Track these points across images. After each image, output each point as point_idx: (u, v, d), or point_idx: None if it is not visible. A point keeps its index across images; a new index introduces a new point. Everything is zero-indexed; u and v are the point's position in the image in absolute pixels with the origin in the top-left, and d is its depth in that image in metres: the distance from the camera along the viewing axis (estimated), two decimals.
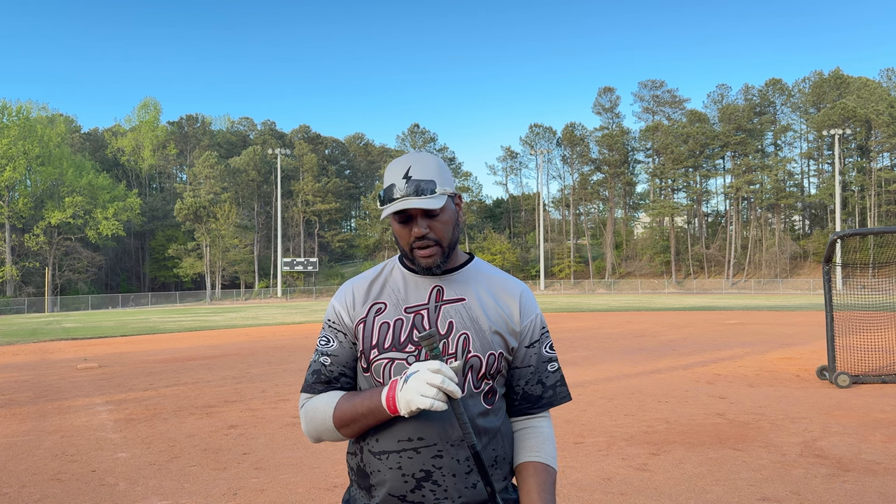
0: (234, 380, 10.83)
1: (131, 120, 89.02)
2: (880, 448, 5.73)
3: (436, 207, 1.47)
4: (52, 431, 7.18)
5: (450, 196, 1.55)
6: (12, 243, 63.26)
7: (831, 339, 9.42)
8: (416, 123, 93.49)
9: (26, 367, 13.56)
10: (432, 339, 1.39)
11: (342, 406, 1.52)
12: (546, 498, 1.51)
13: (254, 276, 79.74)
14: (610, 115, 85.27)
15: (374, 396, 1.46)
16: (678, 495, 4.57)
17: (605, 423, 6.89)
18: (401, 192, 1.49)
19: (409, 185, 1.49)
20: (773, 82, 76.93)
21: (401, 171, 1.51)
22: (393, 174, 1.52)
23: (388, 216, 1.52)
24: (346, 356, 1.60)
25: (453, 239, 1.56)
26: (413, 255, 1.54)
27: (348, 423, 1.51)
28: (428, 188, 1.49)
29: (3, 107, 65.25)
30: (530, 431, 1.62)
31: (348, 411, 1.50)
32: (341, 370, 1.60)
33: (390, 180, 1.51)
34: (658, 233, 79.63)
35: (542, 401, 1.64)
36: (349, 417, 1.50)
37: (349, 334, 1.59)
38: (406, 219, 1.51)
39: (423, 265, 1.53)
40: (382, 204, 1.52)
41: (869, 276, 33.94)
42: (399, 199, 1.48)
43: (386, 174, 1.54)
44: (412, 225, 1.51)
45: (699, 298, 48.21)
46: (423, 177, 1.50)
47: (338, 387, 1.60)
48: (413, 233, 1.51)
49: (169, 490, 4.95)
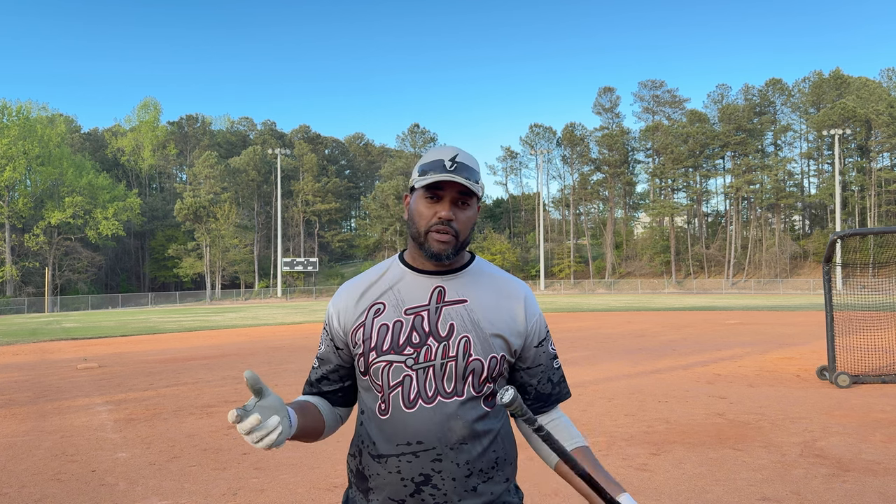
0: (234, 380, 10.83)
1: (131, 120, 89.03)
2: (880, 448, 5.73)
3: (476, 193, 1.52)
4: (51, 431, 7.18)
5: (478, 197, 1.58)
6: (12, 243, 63.23)
7: (831, 339, 9.42)
8: (416, 123, 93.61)
9: (26, 367, 13.56)
10: (515, 405, 1.25)
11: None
12: (602, 476, 1.51)
13: (254, 276, 79.73)
14: (610, 115, 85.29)
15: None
16: (678, 495, 4.57)
17: (605, 423, 6.89)
18: (448, 170, 1.50)
19: (457, 168, 1.51)
20: (773, 82, 76.92)
21: (449, 154, 1.53)
22: (439, 153, 1.54)
23: (418, 192, 1.53)
24: (333, 360, 1.63)
25: (468, 238, 1.56)
26: (426, 237, 1.52)
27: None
28: (472, 177, 1.52)
29: (3, 107, 65.21)
30: (555, 423, 1.64)
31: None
32: (324, 373, 1.65)
33: (437, 157, 1.53)
34: (658, 233, 79.61)
35: (552, 398, 1.66)
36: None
37: (338, 339, 1.60)
38: (437, 199, 1.51)
39: (435, 250, 1.51)
40: (423, 174, 1.52)
41: (869, 276, 33.93)
42: (441, 173, 1.49)
43: (428, 154, 1.57)
44: (440, 206, 1.51)
45: (699, 298, 48.20)
46: (470, 165, 1.53)
47: (315, 391, 1.66)
48: (438, 213, 1.50)
49: (169, 490, 4.95)
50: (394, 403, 1.50)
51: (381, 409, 1.53)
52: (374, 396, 1.55)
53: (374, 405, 1.54)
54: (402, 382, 1.50)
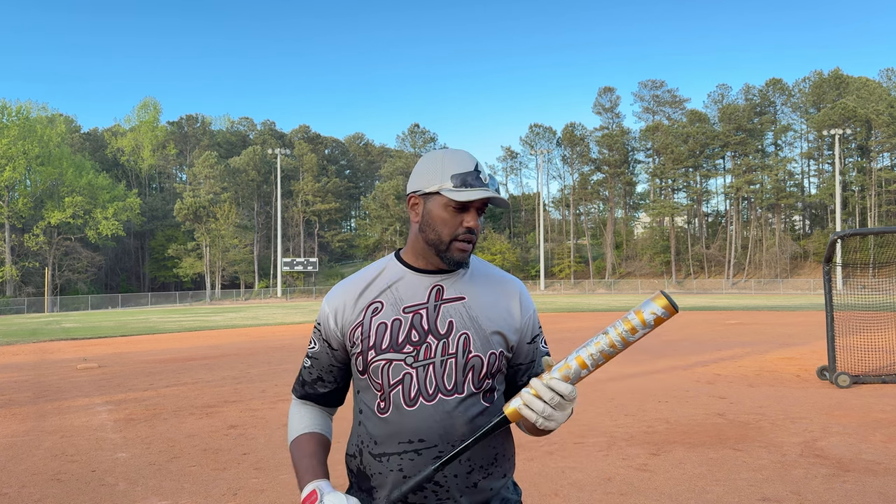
0: (234, 380, 10.83)
1: (131, 120, 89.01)
2: (880, 448, 5.73)
3: (506, 207, 1.52)
4: (51, 431, 7.17)
5: None
6: (12, 243, 63.23)
7: (831, 339, 9.42)
8: (416, 123, 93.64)
9: (26, 367, 13.56)
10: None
11: (293, 450, 1.60)
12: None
13: (254, 276, 79.73)
14: (610, 115, 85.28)
15: (302, 481, 1.51)
16: (678, 495, 4.57)
17: (605, 423, 6.89)
18: (484, 182, 1.50)
19: (490, 180, 1.51)
20: (773, 82, 76.89)
21: (472, 162, 1.52)
22: (464, 162, 1.51)
23: (441, 198, 1.50)
24: (326, 360, 1.62)
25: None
26: (450, 246, 1.51)
27: (293, 462, 1.59)
28: (498, 186, 1.53)
29: (3, 107, 65.21)
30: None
31: (293, 458, 1.58)
32: (318, 374, 1.64)
33: (465, 167, 1.50)
34: (658, 233, 79.62)
35: None
36: (293, 461, 1.58)
37: (333, 339, 1.59)
38: (464, 209, 1.51)
39: (458, 259, 1.52)
40: (458, 186, 1.49)
41: (869, 276, 33.93)
42: (482, 189, 1.49)
43: (450, 160, 1.52)
44: (468, 216, 1.51)
45: (699, 298, 48.19)
46: (491, 174, 1.54)
47: (311, 391, 1.66)
48: (466, 224, 1.50)
49: (169, 490, 4.95)
50: (394, 402, 1.50)
51: (380, 408, 1.52)
52: (373, 395, 1.54)
53: (374, 404, 1.54)
54: (402, 380, 1.50)
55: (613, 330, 1.38)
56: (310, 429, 1.62)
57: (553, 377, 1.38)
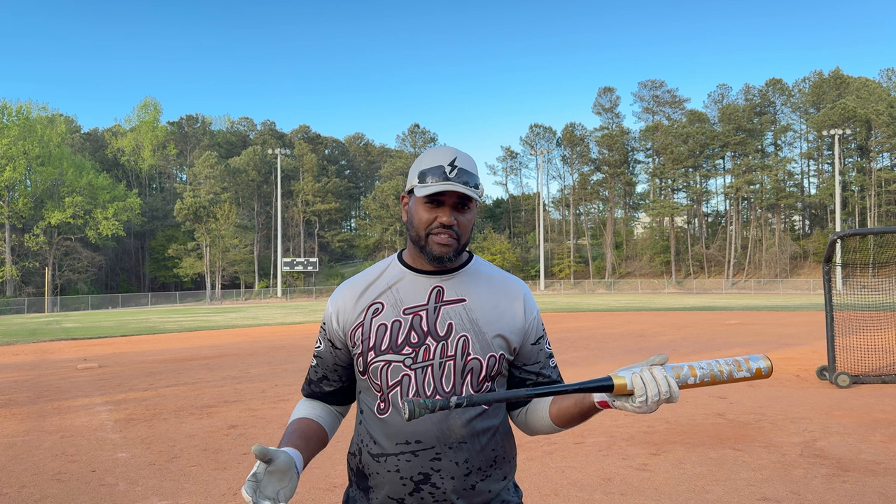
0: (234, 380, 10.83)
1: (131, 120, 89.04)
2: (880, 448, 5.73)
3: (475, 198, 1.50)
4: (52, 431, 7.18)
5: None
6: (12, 243, 63.23)
7: (831, 339, 9.42)
8: (416, 123, 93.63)
9: (26, 368, 13.56)
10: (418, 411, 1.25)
11: (287, 432, 1.58)
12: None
13: (254, 276, 79.71)
14: (610, 115, 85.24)
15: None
16: (678, 495, 4.57)
17: (605, 423, 6.89)
18: (448, 177, 1.49)
19: (457, 174, 1.49)
20: (773, 82, 76.89)
21: (447, 157, 1.51)
22: (437, 157, 1.51)
23: (419, 197, 1.51)
24: (330, 360, 1.63)
25: (468, 240, 1.56)
26: (427, 240, 1.51)
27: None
28: (472, 181, 1.51)
29: (3, 107, 65.20)
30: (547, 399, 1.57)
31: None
32: (323, 373, 1.65)
33: (435, 162, 1.50)
34: (658, 233, 79.62)
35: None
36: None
37: (336, 339, 1.60)
38: (438, 204, 1.50)
39: (437, 253, 1.50)
40: (421, 182, 1.50)
41: (869, 276, 33.89)
42: (443, 182, 1.48)
43: (426, 157, 1.53)
44: (440, 212, 1.50)
45: (699, 298, 48.19)
46: (469, 169, 1.52)
47: (317, 390, 1.67)
48: (439, 219, 1.50)
49: (169, 490, 4.95)
50: (393, 403, 1.51)
51: (379, 409, 1.53)
52: (373, 396, 1.55)
53: (374, 404, 1.55)
54: (400, 382, 1.50)
55: (724, 362, 1.39)
56: (303, 414, 1.64)
57: (670, 375, 1.32)
